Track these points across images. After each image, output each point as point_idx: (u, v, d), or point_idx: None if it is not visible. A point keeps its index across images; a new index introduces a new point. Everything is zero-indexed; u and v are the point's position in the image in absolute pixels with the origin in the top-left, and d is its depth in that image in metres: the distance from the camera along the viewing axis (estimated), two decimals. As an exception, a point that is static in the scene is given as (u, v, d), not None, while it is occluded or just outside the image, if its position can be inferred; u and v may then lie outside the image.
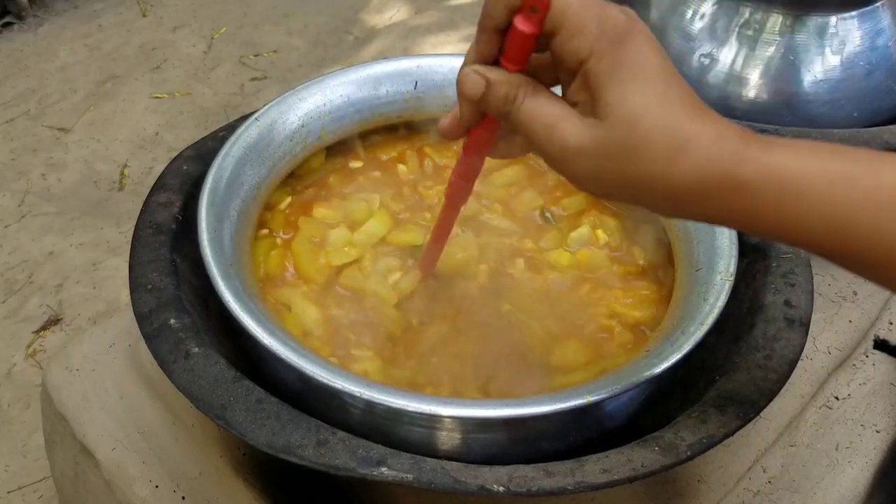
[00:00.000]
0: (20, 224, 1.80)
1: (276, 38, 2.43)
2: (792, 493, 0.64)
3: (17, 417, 1.41)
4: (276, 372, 0.57)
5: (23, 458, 1.34)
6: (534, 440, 0.56)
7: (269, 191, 0.72)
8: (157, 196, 0.68)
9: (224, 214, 0.64)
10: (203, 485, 0.65)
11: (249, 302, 0.57)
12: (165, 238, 0.64)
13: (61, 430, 0.72)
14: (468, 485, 0.49)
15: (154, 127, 2.08)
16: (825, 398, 0.71)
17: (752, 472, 0.65)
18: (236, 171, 0.68)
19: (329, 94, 0.77)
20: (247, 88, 2.22)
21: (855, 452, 0.67)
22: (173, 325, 0.57)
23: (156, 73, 2.27)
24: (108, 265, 1.70)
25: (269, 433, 0.50)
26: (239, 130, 0.70)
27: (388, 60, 0.80)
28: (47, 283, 1.66)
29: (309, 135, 0.75)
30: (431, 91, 0.80)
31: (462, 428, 0.53)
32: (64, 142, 2.03)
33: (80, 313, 1.59)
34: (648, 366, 0.55)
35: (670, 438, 0.52)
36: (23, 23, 2.44)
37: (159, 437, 0.68)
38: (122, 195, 1.88)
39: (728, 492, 0.64)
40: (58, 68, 2.28)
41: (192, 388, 0.53)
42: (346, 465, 0.49)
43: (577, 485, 0.49)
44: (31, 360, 1.50)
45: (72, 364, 0.74)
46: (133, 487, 0.65)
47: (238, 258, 0.63)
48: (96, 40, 2.40)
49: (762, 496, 0.64)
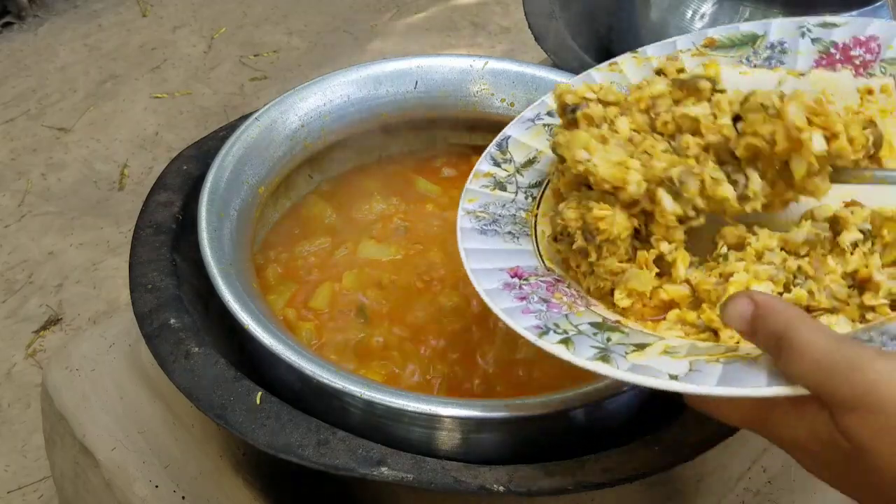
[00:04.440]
0: (20, 224, 1.80)
1: (276, 38, 2.43)
2: (792, 493, 0.64)
3: (17, 417, 1.41)
4: (276, 372, 0.57)
5: (23, 458, 1.34)
6: (534, 440, 0.56)
7: (270, 191, 0.73)
8: (157, 196, 0.68)
9: (224, 214, 0.64)
10: (203, 485, 0.65)
11: (249, 302, 0.57)
12: (165, 238, 0.64)
13: (61, 430, 0.72)
14: (468, 485, 0.49)
15: (154, 127, 2.08)
16: (825, 398, 0.71)
17: (752, 472, 0.65)
18: (236, 170, 0.68)
19: (329, 94, 0.77)
20: (247, 88, 2.22)
21: (855, 452, 0.67)
22: (173, 324, 0.57)
23: (156, 73, 2.27)
24: (108, 265, 1.70)
25: (269, 433, 0.50)
26: (239, 130, 0.70)
27: (388, 60, 0.80)
28: (47, 283, 1.66)
29: (309, 135, 0.75)
30: (431, 91, 0.80)
31: (462, 428, 0.53)
32: (64, 142, 2.03)
33: (80, 313, 1.59)
34: (648, 366, 0.55)
35: (670, 438, 0.52)
36: (23, 23, 2.44)
37: (159, 437, 0.68)
38: (122, 195, 1.88)
39: (728, 492, 0.64)
40: (58, 68, 2.28)
41: (192, 388, 0.53)
42: (346, 464, 0.49)
43: (577, 485, 0.49)
44: (31, 360, 1.50)
45: (72, 364, 0.74)
46: (133, 487, 0.65)
47: (238, 258, 0.63)
48: (96, 40, 2.40)
49: (762, 496, 0.64)
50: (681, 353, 0.43)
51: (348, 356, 0.65)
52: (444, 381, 0.63)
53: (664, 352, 0.43)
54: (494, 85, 0.80)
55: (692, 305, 0.48)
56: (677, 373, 0.40)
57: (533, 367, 0.64)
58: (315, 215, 0.77)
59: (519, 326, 0.46)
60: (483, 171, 0.62)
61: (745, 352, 0.41)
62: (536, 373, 0.63)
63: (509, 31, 2.46)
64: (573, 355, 0.43)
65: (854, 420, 0.33)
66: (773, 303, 0.38)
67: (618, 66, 0.64)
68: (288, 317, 0.67)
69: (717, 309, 0.43)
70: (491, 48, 2.39)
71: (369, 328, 0.67)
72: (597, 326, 0.47)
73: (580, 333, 0.46)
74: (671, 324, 0.48)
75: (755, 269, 0.47)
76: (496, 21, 2.51)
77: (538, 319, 0.47)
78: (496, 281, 0.51)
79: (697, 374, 0.40)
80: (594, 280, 0.51)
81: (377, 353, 0.65)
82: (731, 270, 0.47)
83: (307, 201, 0.79)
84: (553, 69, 0.81)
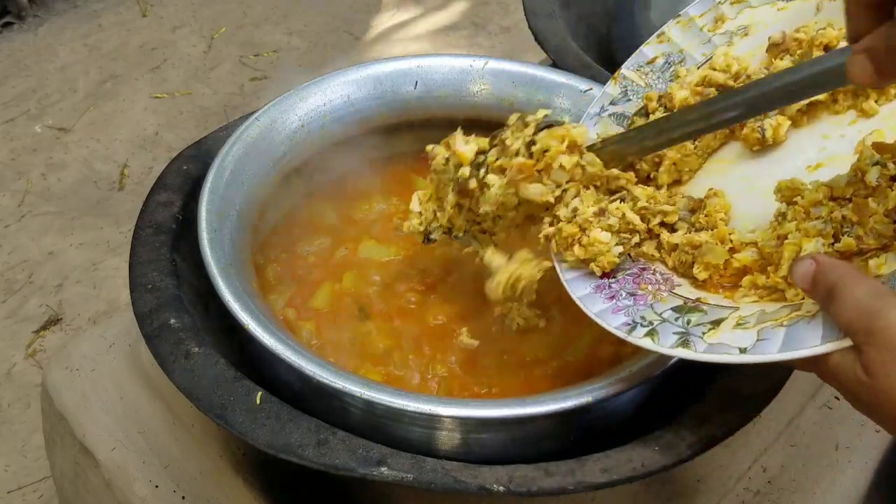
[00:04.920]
0: (20, 224, 1.80)
1: (276, 38, 2.43)
2: (792, 493, 0.64)
3: (17, 417, 1.41)
4: (276, 372, 0.57)
5: (23, 458, 1.34)
6: (534, 440, 0.56)
7: (270, 191, 0.72)
8: (157, 196, 0.68)
9: (224, 214, 0.64)
10: (203, 485, 0.65)
11: (249, 302, 0.57)
12: (165, 238, 0.64)
13: (61, 430, 0.72)
14: (468, 485, 0.49)
15: (154, 127, 2.08)
16: (825, 398, 0.71)
17: (752, 471, 0.65)
18: (236, 170, 0.68)
19: (329, 94, 0.77)
20: (247, 88, 2.22)
21: (855, 452, 0.67)
22: (173, 324, 0.57)
23: (156, 73, 2.27)
24: (108, 265, 1.70)
25: (269, 433, 0.50)
26: (239, 130, 0.70)
27: (388, 60, 0.80)
28: (47, 283, 1.66)
29: (309, 135, 0.75)
30: (431, 91, 0.80)
31: (462, 428, 0.53)
32: (64, 142, 2.03)
33: (80, 313, 1.59)
34: (649, 365, 0.55)
35: (670, 438, 0.52)
36: (23, 23, 2.44)
37: (159, 437, 0.68)
38: (122, 195, 1.88)
39: (728, 492, 0.64)
40: (58, 68, 2.28)
41: (192, 388, 0.53)
42: (346, 464, 0.49)
43: (577, 485, 0.49)
44: (31, 360, 1.50)
45: (72, 364, 0.74)
46: (133, 487, 0.65)
47: (238, 258, 0.63)
48: (96, 40, 2.40)
49: (762, 496, 0.64)
50: (751, 324, 0.48)
51: (348, 356, 0.65)
52: (444, 381, 0.63)
53: (737, 325, 0.48)
54: (494, 85, 0.80)
55: (761, 268, 0.52)
56: (746, 345, 0.46)
57: (533, 367, 0.64)
58: (315, 215, 0.77)
59: (611, 326, 0.52)
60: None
61: (806, 309, 0.46)
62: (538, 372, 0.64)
63: (509, 31, 2.47)
64: (658, 346, 0.49)
65: (871, 357, 0.40)
66: (831, 261, 0.44)
67: (665, 35, 0.68)
68: (288, 317, 0.67)
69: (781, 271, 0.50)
70: (491, 48, 2.39)
71: (369, 328, 0.67)
72: (678, 311, 0.52)
73: (664, 322, 0.51)
74: (746, 290, 0.52)
75: (805, 226, 0.50)
76: (496, 21, 2.51)
77: (626, 316, 0.53)
78: (587, 287, 0.56)
79: (763, 344, 0.45)
80: (678, 255, 0.56)
81: (377, 352, 0.65)
82: (786, 232, 0.51)
83: (307, 201, 0.78)
84: (553, 69, 0.81)
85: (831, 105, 0.58)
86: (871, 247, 0.47)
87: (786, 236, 0.51)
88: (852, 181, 0.50)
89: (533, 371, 0.64)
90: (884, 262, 0.46)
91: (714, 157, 0.63)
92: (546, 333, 0.65)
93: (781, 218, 0.52)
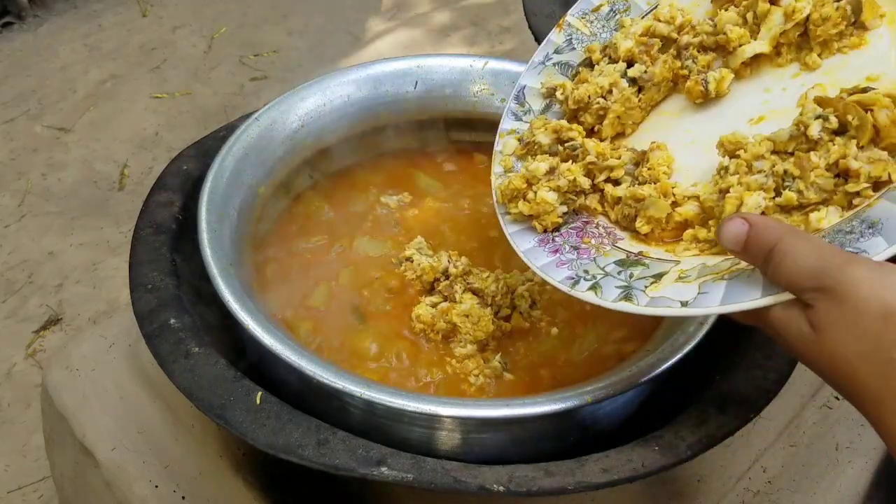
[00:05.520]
0: (20, 224, 1.80)
1: (276, 38, 2.43)
2: (792, 493, 0.64)
3: (17, 417, 1.41)
4: (276, 372, 0.57)
5: (23, 458, 1.34)
6: (534, 440, 0.56)
7: (270, 191, 0.72)
8: (157, 196, 0.68)
9: (224, 214, 0.64)
10: (203, 485, 0.65)
11: (249, 302, 0.57)
12: (165, 238, 0.64)
13: (61, 430, 0.72)
14: (468, 484, 0.49)
15: (154, 127, 2.08)
16: (825, 398, 0.71)
17: (752, 472, 0.65)
18: (236, 170, 0.68)
19: (329, 94, 0.77)
20: (247, 88, 2.22)
21: (855, 452, 0.67)
22: (173, 325, 0.57)
23: (156, 73, 2.27)
24: (108, 265, 1.70)
25: (269, 433, 0.50)
26: (239, 130, 0.70)
27: (388, 60, 0.80)
28: (47, 283, 1.66)
29: (309, 135, 0.75)
30: (431, 91, 0.80)
31: (462, 428, 0.53)
32: (64, 142, 2.03)
33: (80, 313, 1.59)
34: (648, 366, 0.55)
35: (670, 438, 0.52)
36: (23, 23, 2.44)
37: (159, 437, 0.68)
38: (122, 195, 1.88)
39: (728, 492, 0.64)
40: (58, 68, 2.28)
41: (192, 388, 0.53)
42: (347, 464, 0.49)
43: (577, 485, 0.49)
44: (31, 360, 1.50)
45: (72, 364, 0.74)
46: (133, 487, 0.65)
47: (238, 258, 0.63)
48: (96, 40, 2.40)
49: (762, 496, 0.64)
50: (692, 277, 0.48)
51: (345, 354, 0.65)
52: (443, 381, 0.63)
53: (678, 278, 0.49)
54: (494, 85, 0.80)
55: (702, 222, 0.53)
56: (687, 299, 0.46)
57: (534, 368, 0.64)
58: (312, 212, 0.77)
59: (554, 280, 0.52)
60: (507, 130, 0.64)
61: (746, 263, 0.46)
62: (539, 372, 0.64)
63: (509, 31, 2.47)
64: (601, 300, 0.49)
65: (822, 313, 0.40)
66: (766, 221, 0.44)
67: None
68: (286, 316, 0.67)
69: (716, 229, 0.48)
70: (491, 48, 2.39)
71: (366, 326, 0.66)
72: (621, 264, 0.52)
73: (606, 276, 0.51)
74: (687, 243, 0.52)
75: (747, 180, 0.50)
76: (496, 21, 2.51)
77: (570, 269, 0.53)
78: (531, 240, 0.56)
79: (704, 297, 0.45)
80: (621, 208, 0.56)
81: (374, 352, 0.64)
82: (728, 185, 0.51)
83: (305, 198, 0.78)
84: (553, 69, 0.81)
85: (774, 58, 0.58)
86: (811, 201, 0.47)
87: (728, 190, 0.50)
88: (794, 135, 0.49)
89: (533, 371, 0.64)
90: (824, 216, 0.46)
91: (657, 109, 0.63)
92: (547, 334, 0.65)
93: (724, 172, 0.52)
